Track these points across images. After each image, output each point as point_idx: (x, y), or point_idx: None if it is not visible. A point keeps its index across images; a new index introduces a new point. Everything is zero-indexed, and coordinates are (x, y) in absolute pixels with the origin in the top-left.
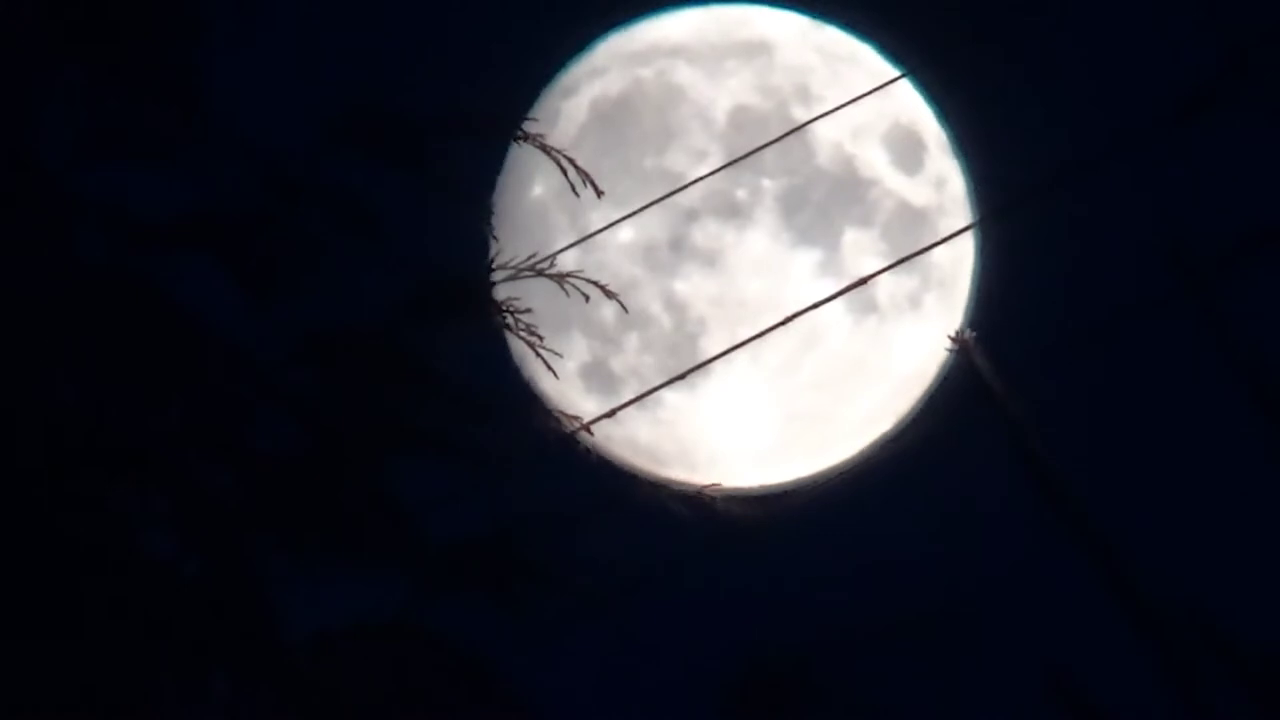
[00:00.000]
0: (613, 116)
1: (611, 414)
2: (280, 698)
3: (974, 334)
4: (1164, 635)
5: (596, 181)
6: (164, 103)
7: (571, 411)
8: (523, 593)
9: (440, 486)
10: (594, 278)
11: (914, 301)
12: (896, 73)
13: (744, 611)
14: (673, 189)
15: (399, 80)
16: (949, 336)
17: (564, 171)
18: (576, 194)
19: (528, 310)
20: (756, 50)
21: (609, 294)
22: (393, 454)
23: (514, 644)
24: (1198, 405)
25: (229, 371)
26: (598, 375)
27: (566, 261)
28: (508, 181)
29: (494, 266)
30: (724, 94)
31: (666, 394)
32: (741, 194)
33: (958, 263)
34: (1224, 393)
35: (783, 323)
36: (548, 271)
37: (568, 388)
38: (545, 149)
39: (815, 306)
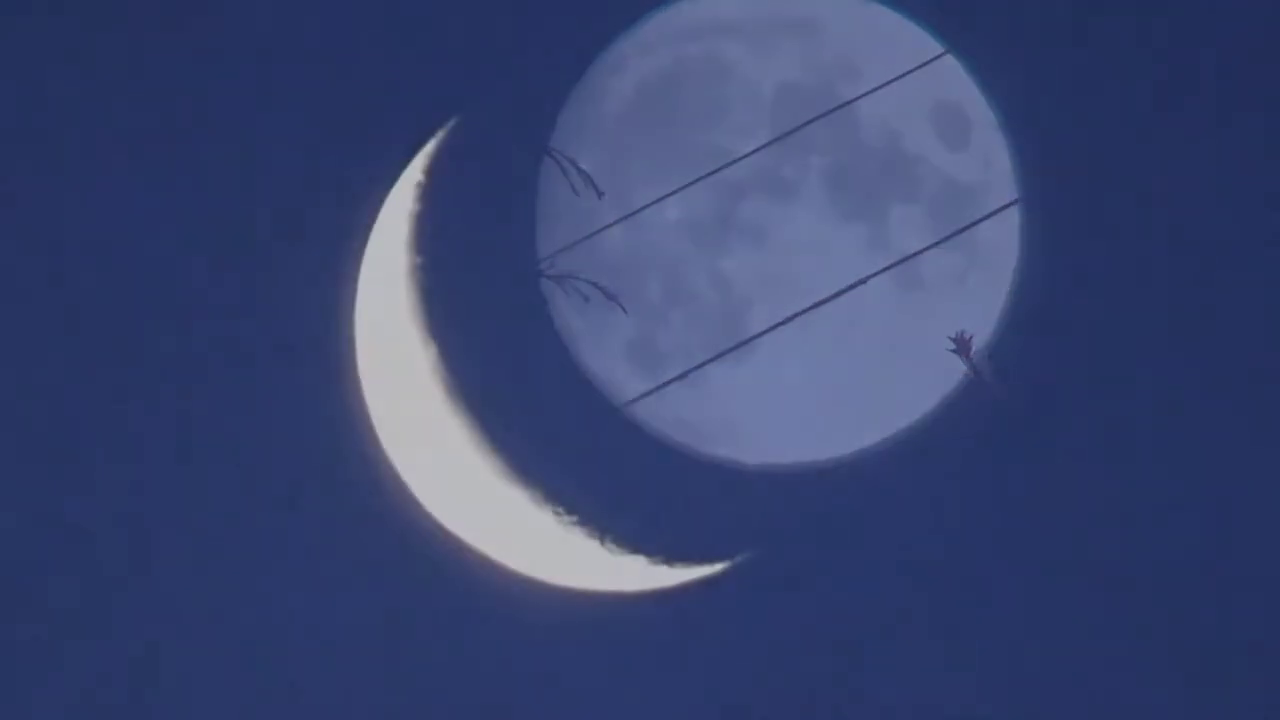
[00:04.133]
0: (660, 93)
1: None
2: (285, 697)
3: (972, 335)
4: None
5: (636, 162)
6: (163, 103)
7: (617, 388)
8: (526, 590)
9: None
10: (640, 255)
11: (959, 278)
12: (942, 49)
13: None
14: (719, 165)
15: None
16: (949, 337)
17: (565, 173)
18: (576, 193)
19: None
20: (803, 27)
21: (608, 295)
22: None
23: (518, 644)
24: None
25: (230, 370)
26: (644, 352)
27: (614, 238)
28: (552, 161)
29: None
30: (771, 71)
31: (712, 370)
32: (788, 171)
33: (1003, 239)
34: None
35: (829, 299)
36: (549, 273)
37: (613, 365)
38: (546, 151)
39: (861, 282)
